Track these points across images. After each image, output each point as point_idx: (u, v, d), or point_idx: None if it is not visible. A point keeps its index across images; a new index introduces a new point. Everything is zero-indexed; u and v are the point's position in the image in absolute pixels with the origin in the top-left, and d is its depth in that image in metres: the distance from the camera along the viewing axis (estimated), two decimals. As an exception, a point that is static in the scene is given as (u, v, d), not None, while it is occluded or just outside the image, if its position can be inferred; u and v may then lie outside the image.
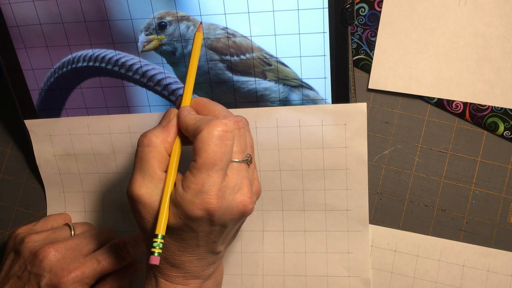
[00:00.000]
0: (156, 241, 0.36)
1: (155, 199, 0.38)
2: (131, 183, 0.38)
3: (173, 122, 0.39)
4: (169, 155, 0.39)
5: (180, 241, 0.38)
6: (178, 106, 0.41)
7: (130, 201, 0.38)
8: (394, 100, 0.49)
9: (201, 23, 0.46)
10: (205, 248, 0.39)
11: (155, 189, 0.38)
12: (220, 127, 0.36)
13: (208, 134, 0.36)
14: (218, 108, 0.40)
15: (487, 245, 0.48)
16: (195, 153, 0.36)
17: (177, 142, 0.39)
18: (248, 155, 0.39)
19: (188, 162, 0.37)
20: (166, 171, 0.38)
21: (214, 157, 0.36)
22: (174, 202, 0.37)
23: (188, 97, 0.41)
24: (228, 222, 0.38)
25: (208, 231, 0.38)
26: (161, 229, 0.37)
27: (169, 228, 0.37)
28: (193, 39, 0.42)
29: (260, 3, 0.45)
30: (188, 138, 0.39)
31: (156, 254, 0.36)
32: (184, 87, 0.41)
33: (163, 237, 0.37)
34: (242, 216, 0.38)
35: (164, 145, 0.38)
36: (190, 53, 0.42)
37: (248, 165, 0.39)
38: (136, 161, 0.39)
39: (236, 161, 0.38)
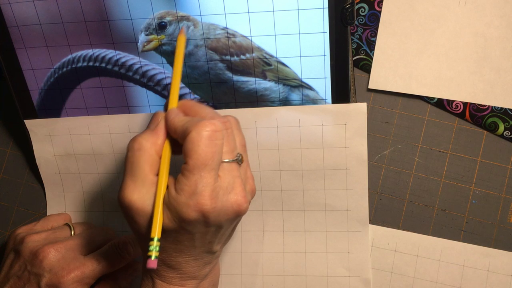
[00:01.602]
0: (152, 245, 0.36)
1: (148, 203, 0.37)
2: (122, 189, 0.37)
3: (161, 125, 0.39)
4: (160, 158, 0.38)
5: (176, 243, 0.38)
6: (165, 109, 0.41)
7: (122, 207, 0.38)
8: (394, 100, 0.49)
9: (182, 27, 0.46)
10: (202, 249, 0.39)
11: (147, 193, 0.37)
12: (208, 127, 0.36)
13: (197, 135, 0.36)
14: (205, 110, 0.39)
15: (487, 245, 0.48)
16: (186, 155, 0.36)
17: (167, 144, 0.39)
18: (238, 155, 0.39)
19: (179, 165, 0.37)
20: (157, 175, 0.38)
21: (205, 158, 0.35)
22: (168, 205, 0.36)
23: (174, 99, 0.40)
24: (224, 222, 0.38)
25: (203, 232, 0.38)
26: (156, 233, 0.36)
27: (165, 231, 0.37)
28: (176, 42, 0.42)
29: (260, 3, 0.45)
30: (177, 140, 0.39)
31: (153, 257, 0.36)
32: (169, 89, 0.41)
33: (159, 240, 0.36)
34: (237, 216, 0.38)
35: (155, 148, 0.38)
36: (174, 56, 0.42)
37: (239, 164, 0.39)
38: (127, 166, 0.38)
39: (226, 161, 0.37)
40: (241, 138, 0.40)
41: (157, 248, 0.36)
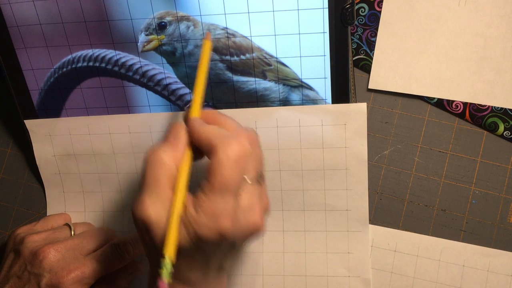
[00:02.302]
0: (164, 264, 0.34)
1: (165, 219, 0.35)
2: (138, 204, 0.36)
3: (183, 138, 0.37)
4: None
5: (189, 260, 0.37)
6: (185, 119, 0.39)
7: (137, 222, 0.36)
8: (394, 100, 0.49)
9: (208, 32, 0.45)
10: (213, 266, 0.38)
11: (164, 209, 0.35)
12: (236, 148, 0.35)
13: (225, 156, 0.34)
14: (230, 122, 0.38)
15: (487, 245, 0.48)
16: (210, 173, 0.35)
17: (187, 159, 0.37)
18: (260, 174, 0.37)
19: (197, 179, 0.36)
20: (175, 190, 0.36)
21: (230, 180, 0.34)
22: (185, 223, 0.35)
23: (197, 108, 0.39)
24: (239, 242, 0.37)
25: (218, 251, 0.37)
26: (169, 251, 0.34)
27: (179, 249, 0.35)
28: (201, 47, 0.41)
29: (260, 3, 0.45)
30: (197, 152, 0.38)
31: (164, 279, 0.34)
32: (193, 97, 0.39)
33: (171, 259, 0.34)
34: (253, 236, 0.37)
35: (174, 162, 0.36)
36: (198, 62, 0.40)
37: (260, 183, 0.37)
38: (144, 179, 0.36)
39: (249, 182, 0.36)
40: (260, 154, 0.39)
41: (169, 268, 0.34)
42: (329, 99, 0.47)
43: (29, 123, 0.52)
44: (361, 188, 0.48)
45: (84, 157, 0.52)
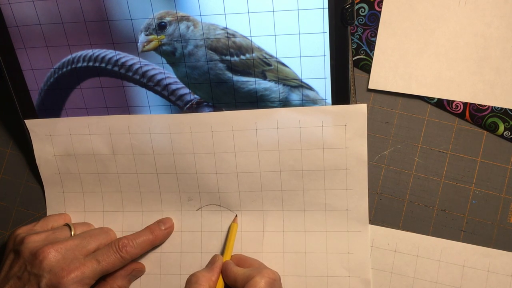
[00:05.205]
0: None
1: None
2: None
3: (218, 264, 0.46)
4: None
5: None
6: (212, 262, 0.47)
7: None
8: (394, 100, 0.49)
9: (236, 216, 0.50)
10: None
11: None
12: (270, 275, 0.43)
13: (260, 279, 0.42)
14: (255, 262, 0.47)
15: (487, 245, 0.48)
16: None
17: (221, 280, 0.45)
18: None
19: None
20: None
21: None
22: None
23: (229, 255, 0.48)
24: None
25: None
26: None
27: None
28: (229, 229, 0.50)
29: (260, 3, 0.45)
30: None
31: None
32: (224, 251, 0.49)
33: None
34: None
35: (209, 283, 0.44)
36: (226, 239, 0.50)
37: None
38: None
39: None
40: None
41: None
42: (329, 99, 0.47)
43: (29, 123, 0.52)
44: (361, 188, 0.48)
45: (84, 157, 0.52)
